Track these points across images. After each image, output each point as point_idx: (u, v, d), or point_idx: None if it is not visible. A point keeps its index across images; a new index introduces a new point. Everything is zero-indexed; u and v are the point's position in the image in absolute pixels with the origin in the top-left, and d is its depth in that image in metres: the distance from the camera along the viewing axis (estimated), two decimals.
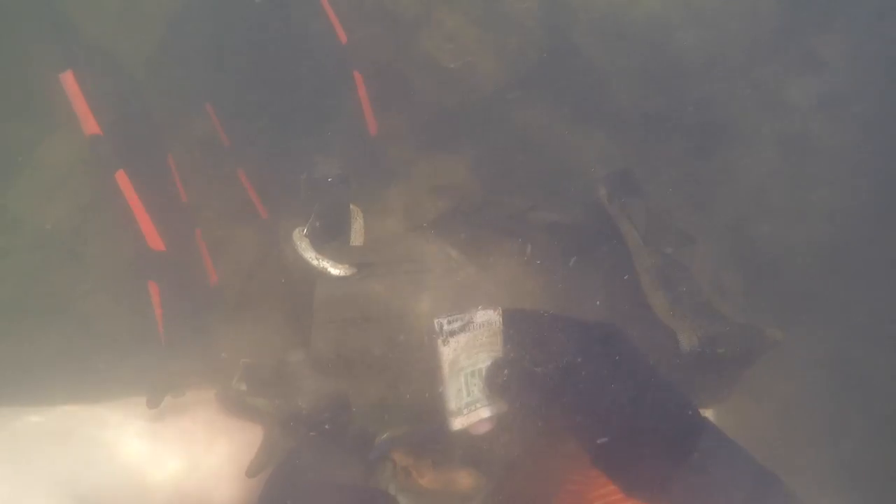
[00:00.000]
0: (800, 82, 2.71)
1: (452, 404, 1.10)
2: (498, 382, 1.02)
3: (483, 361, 1.12)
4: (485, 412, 1.14)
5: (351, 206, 1.92)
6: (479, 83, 2.87)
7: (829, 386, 2.47)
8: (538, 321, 1.16)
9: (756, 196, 2.66)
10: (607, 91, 2.73)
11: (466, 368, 1.10)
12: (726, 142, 2.77)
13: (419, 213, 2.20)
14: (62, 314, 2.62)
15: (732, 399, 2.00)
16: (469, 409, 1.13)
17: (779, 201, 2.52)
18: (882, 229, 2.53)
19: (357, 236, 1.81)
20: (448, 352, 1.06)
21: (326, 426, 1.31)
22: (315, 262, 1.66)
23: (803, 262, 2.45)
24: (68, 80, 2.11)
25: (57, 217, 2.71)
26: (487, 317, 1.12)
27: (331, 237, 1.74)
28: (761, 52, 2.82)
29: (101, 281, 2.63)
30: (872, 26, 2.72)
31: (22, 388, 2.56)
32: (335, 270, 1.64)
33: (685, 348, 2.17)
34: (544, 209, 2.33)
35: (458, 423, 1.12)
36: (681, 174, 2.70)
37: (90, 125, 2.10)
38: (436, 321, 1.08)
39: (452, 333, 1.07)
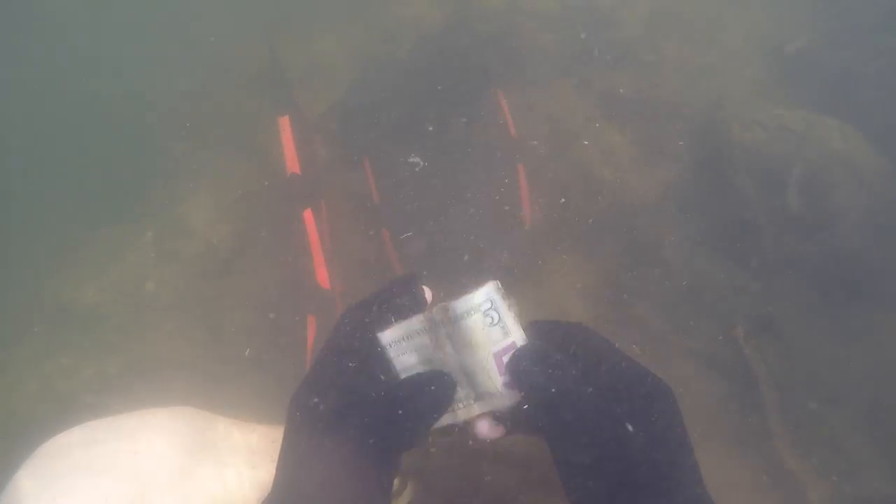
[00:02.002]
0: None
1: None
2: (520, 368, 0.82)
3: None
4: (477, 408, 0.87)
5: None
6: (625, 199, 3.00)
7: None
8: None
9: None
10: (755, 231, 2.77)
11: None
12: (872, 303, 2.72)
13: (574, 316, 2.28)
14: (203, 323, 2.83)
15: None
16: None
17: None
18: None
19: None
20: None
21: None
22: None
23: None
24: (285, 123, 2.38)
25: (222, 235, 2.98)
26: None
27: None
28: None
29: (246, 301, 2.83)
30: None
31: (149, 383, 2.75)
32: None
33: (812, 498, 2.11)
34: (681, 335, 2.36)
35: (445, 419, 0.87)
36: (819, 326, 2.66)
37: (293, 164, 2.34)
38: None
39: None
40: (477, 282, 0.93)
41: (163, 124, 3.42)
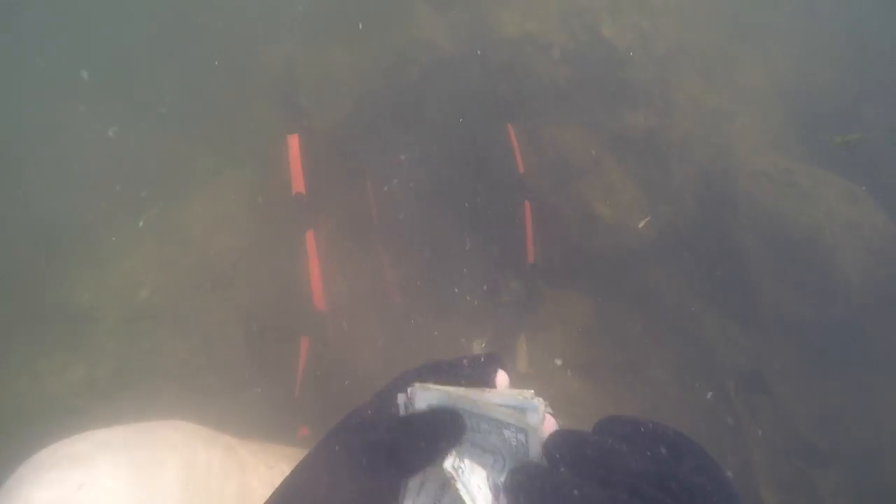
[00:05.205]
0: None
1: None
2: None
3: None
4: None
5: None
6: (624, 237, 2.99)
7: None
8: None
9: (891, 427, 2.55)
10: (753, 286, 2.76)
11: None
12: (865, 366, 2.71)
13: (574, 356, 2.27)
14: (194, 334, 2.82)
15: None
16: None
17: None
18: None
19: (521, 362, 1.89)
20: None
21: None
22: None
23: None
24: (293, 142, 2.37)
25: (220, 247, 2.97)
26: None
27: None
28: None
29: (239, 316, 2.82)
30: None
31: (136, 391, 2.73)
32: None
33: None
34: (678, 386, 2.35)
35: None
36: (811, 385, 2.64)
37: (298, 184, 2.33)
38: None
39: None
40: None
41: (168, 129, 3.42)
